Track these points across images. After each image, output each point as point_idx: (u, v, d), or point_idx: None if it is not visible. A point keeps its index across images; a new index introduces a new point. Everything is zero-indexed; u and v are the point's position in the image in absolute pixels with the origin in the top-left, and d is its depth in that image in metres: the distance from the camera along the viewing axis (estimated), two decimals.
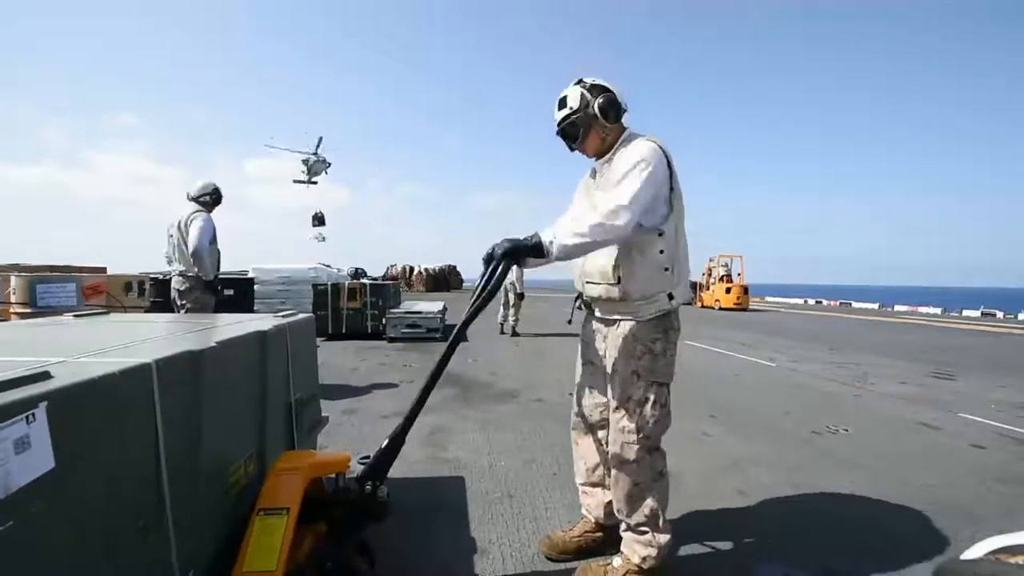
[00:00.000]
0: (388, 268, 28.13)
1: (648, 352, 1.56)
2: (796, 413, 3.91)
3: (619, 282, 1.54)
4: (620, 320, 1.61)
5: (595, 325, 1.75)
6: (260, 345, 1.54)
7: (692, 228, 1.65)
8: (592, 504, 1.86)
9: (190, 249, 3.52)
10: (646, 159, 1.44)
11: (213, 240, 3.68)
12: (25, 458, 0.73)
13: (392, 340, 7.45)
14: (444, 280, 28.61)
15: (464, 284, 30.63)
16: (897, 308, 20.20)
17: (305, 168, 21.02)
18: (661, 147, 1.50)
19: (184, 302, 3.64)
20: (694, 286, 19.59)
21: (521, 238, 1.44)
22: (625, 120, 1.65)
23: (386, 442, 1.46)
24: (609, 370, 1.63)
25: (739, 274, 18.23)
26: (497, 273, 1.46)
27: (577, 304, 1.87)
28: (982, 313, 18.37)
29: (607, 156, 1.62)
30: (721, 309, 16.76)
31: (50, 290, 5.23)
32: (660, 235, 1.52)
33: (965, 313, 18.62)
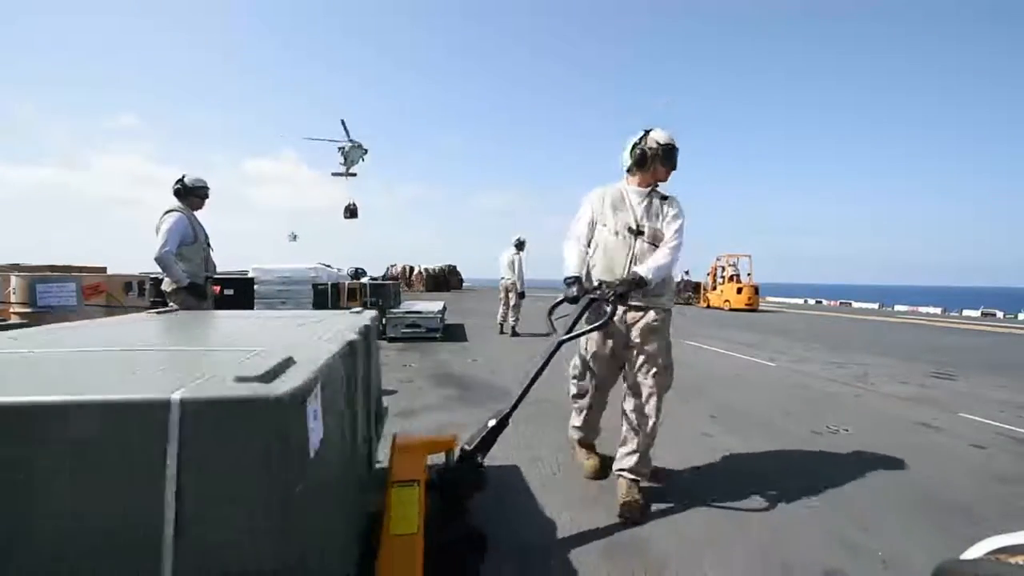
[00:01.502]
0: (388, 268, 28.11)
1: (668, 331, 2.31)
2: (796, 413, 3.91)
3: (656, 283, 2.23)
4: (649, 308, 2.25)
5: (618, 314, 2.27)
6: (364, 338, 1.67)
7: (696, 227, 2.06)
8: (586, 427, 2.56)
9: (153, 255, 3.30)
10: (683, 217, 2.28)
11: (192, 240, 3.47)
12: (317, 426, 0.86)
13: (392, 340, 7.45)
14: (444, 280, 28.59)
15: (464, 284, 30.52)
16: (897, 308, 20.20)
17: (342, 158, 19.78)
18: None
19: (171, 303, 3.49)
20: (697, 287, 19.45)
21: (625, 280, 2.13)
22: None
23: (494, 422, 1.80)
24: (643, 345, 2.24)
25: (748, 274, 17.57)
26: (608, 310, 2.10)
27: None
28: (982, 313, 18.36)
29: (650, 189, 2.31)
30: (731, 310, 16.09)
31: (50, 290, 5.23)
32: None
33: (965, 313, 18.62)
